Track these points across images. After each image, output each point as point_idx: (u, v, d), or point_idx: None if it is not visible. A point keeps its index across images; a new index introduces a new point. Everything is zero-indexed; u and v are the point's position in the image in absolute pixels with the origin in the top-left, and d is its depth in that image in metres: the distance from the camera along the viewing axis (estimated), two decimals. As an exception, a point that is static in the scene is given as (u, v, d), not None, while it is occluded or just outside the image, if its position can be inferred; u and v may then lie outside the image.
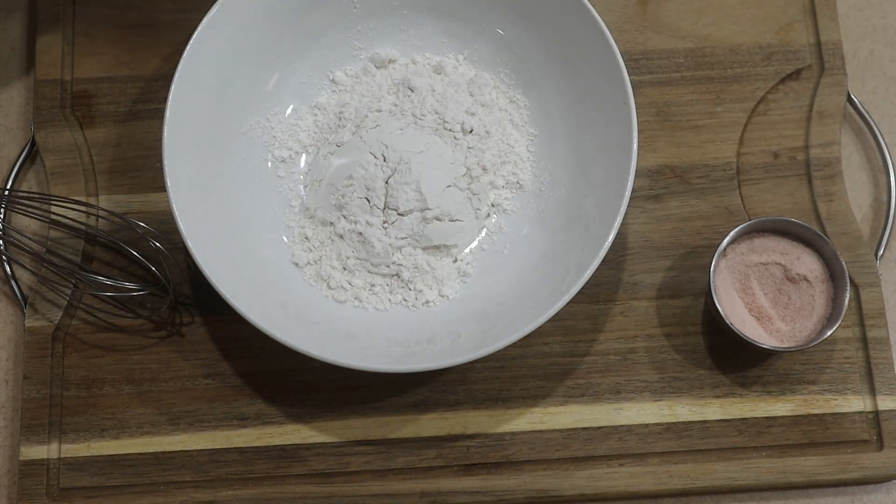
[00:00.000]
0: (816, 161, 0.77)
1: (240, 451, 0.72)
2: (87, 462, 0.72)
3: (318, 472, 0.72)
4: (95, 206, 0.75)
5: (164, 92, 0.69)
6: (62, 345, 0.74)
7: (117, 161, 0.77)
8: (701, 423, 0.72)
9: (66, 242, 0.76)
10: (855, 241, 0.75)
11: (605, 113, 0.71)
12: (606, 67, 0.71)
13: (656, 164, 0.77)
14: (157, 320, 0.74)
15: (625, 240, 0.76)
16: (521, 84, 0.77)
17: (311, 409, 0.73)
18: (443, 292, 0.73)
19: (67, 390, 0.73)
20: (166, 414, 0.73)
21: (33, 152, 0.79)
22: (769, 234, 0.72)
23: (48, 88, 0.79)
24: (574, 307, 0.73)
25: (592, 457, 0.72)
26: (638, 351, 0.74)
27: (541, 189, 0.75)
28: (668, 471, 0.72)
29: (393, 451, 0.72)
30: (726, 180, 0.77)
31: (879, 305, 0.74)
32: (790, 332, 0.70)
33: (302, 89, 0.77)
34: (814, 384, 0.73)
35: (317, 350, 0.66)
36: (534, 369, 0.73)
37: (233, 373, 0.74)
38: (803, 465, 0.71)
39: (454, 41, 0.78)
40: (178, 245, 0.69)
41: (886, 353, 0.73)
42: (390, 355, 0.69)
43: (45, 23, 0.80)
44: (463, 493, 0.71)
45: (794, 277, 0.71)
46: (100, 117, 0.78)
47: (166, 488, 0.72)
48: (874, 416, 0.72)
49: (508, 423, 0.73)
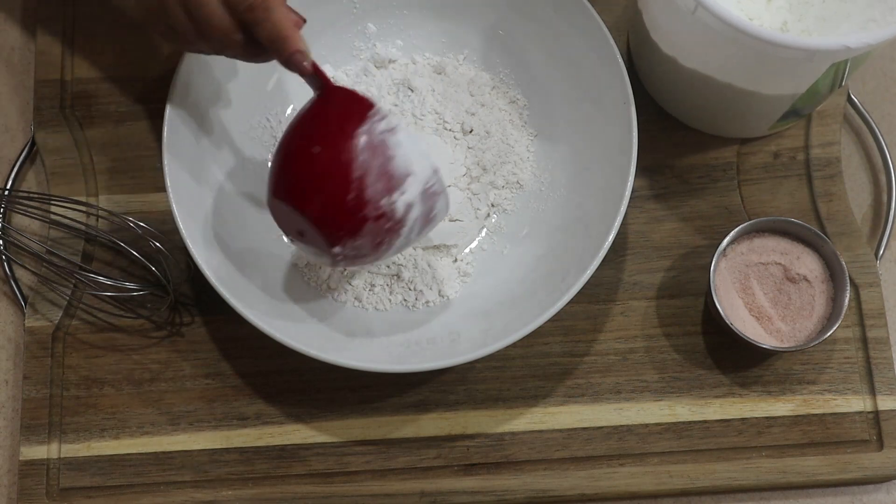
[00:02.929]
0: (816, 161, 0.77)
1: (240, 451, 0.72)
2: (87, 462, 0.72)
3: (318, 472, 0.72)
4: (95, 206, 0.75)
5: (164, 92, 0.69)
6: (62, 345, 0.74)
7: (117, 161, 0.77)
8: (701, 423, 0.72)
9: (66, 242, 0.76)
10: (855, 241, 0.75)
11: (605, 113, 0.71)
12: (606, 67, 0.71)
13: (656, 164, 0.77)
14: (157, 320, 0.74)
15: (625, 240, 0.76)
16: (521, 84, 0.77)
17: (311, 409, 0.73)
18: (443, 292, 0.73)
19: (67, 390, 0.73)
20: (166, 414, 0.73)
21: (33, 152, 0.79)
22: (769, 234, 0.72)
23: (48, 88, 0.79)
24: (574, 307, 0.73)
25: (592, 457, 0.72)
26: (638, 351, 0.74)
27: (541, 189, 0.75)
28: (668, 471, 0.72)
29: (393, 451, 0.72)
30: (726, 180, 0.77)
31: (879, 305, 0.74)
32: (790, 332, 0.71)
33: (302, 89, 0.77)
34: (814, 384, 0.73)
35: (317, 350, 0.66)
36: (534, 369, 0.73)
37: (233, 373, 0.74)
38: (803, 465, 0.71)
39: (454, 41, 0.78)
40: (178, 245, 0.69)
41: (886, 353, 0.73)
42: (390, 355, 0.69)
43: (45, 23, 0.80)
44: (463, 493, 0.71)
45: (794, 277, 0.71)
46: (100, 117, 0.78)
47: (166, 488, 0.72)
48: (874, 416, 0.72)
49: (508, 423, 0.73)
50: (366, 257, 0.63)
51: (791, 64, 0.64)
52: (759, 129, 0.76)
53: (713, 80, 0.69)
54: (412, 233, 0.63)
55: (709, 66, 0.69)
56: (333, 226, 0.61)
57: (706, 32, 0.63)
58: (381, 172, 0.60)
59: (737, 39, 0.61)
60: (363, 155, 0.60)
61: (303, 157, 0.61)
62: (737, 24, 0.60)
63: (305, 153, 0.61)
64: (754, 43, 0.61)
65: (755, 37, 0.60)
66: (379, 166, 0.60)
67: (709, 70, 0.69)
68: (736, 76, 0.68)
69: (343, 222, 0.60)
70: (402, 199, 0.61)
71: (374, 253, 0.63)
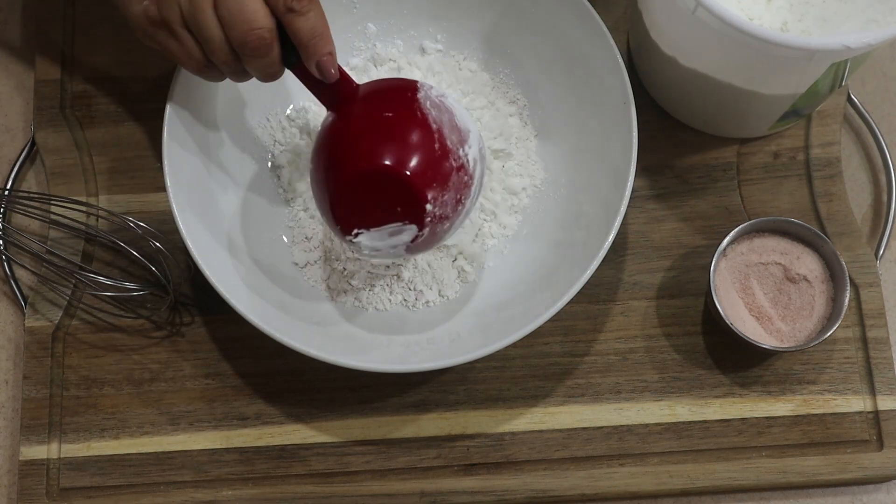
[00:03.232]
0: (816, 161, 0.77)
1: (240, 451, 0.72)
2: (87, 462, 0.72)
3: (318, 472, 0.72)
4: (95, 206, 0.75)
5: (164, 92, 0.69)
6: (62, 345, 0.74)
7: (117, 161, 0.77)
8: (701, 423, 0.72)
9: (66, 242, 0.76)
10: (855, 241, 0.75)
11: (605, 113, 0.71)
12: (606, 67, 0.71)
13: (656, 164, 0.77)
14: (157, 320, 0.74)
15: (625, 240, 0.76)
16: (520, 84, 0.77)
17: (311, 409, 0.73)
18: (443, 292, 0.73)
19: (67, 390, 0.73)
20: (166, 414, 0.73)
21: (33, 152, 0.79)
22: (769, 234, 0.72)
23: (48, 88, 0.79)
24: (574, 307, 0.73)
25: (592, 457, 0.72)
26: (638, 351, 0.74)
27: (541, 189, 0.75)
28: (668, 471, 0.72)
29: (393, 451, 0.72)
30: (726, 180, 0.77)
31: (879, 305, 0.74)
32: (790, 332, 0.71)
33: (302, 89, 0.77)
34: (814, 384, 0.73)
35: (317, 350, 0.66)
36: (534, 369, 0.73)
37: (233, 373, 0.74)
38: (803, 465, 0.71)
39: (454, 41, 0.78)
40: (178, 245, 0.69)
41: (886, 353, 0.73)
42: (390, 355, 0.69)
43: (45, 23, 0.80)
44: (463, 493, 0.71)
45: (794, 277, 0.71)
46: (100, 117, 0.78)
47: (166, 488, 0.72)
48: (874, 416, 0.72)
49: (508, 423, 0.73)
50: (446, 221, 0.63)
51: (791, 64, 0.64)
52: (759, 129, 0.76)
53: (713, 80, 0.69)
54: (476, 194, 0.65)
55: (709, 66, 0.69)
56: (427, 177, 0.61)
57: (706, 32, 0.63)
58: (451, 126, 0.63)
59: (737, 39, 0.61)
60: (433, 112, 0.62)
61: (377, 126, 0.62)
62: (737, 24, 0.60)
63: (379, 123, 0.62)
64: (754, 43, 0.61)
65: (755, 37, 0.60)
66: (448, 121, 0.63)
67: (709, 70, 0.69)
68: (736, 76, 0.68)
69: (436, 172, 0.62)
70: (471, 152, 0.63)
71: (454, 215, 0.63)
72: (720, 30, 0.62)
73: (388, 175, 0.61)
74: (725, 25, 0.60)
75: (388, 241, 0.63)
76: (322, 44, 0.60)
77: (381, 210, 0.62)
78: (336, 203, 0.63)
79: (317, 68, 0.61)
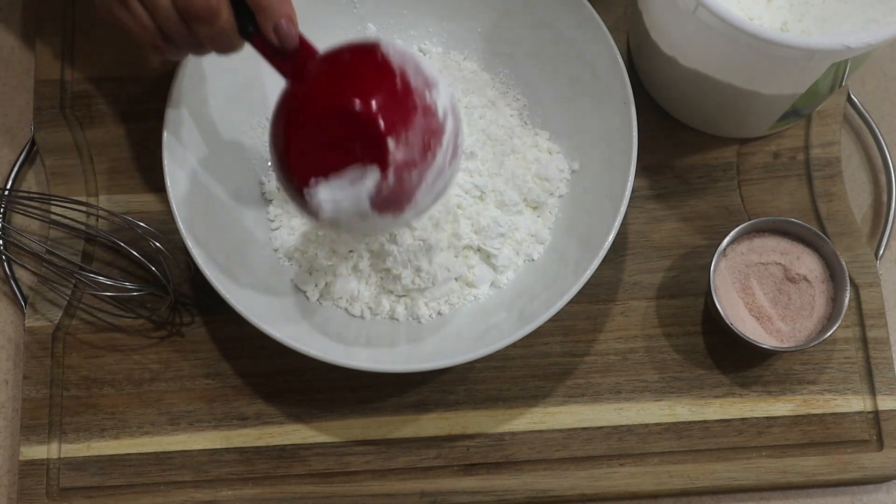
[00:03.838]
0: (816, 161, 0.77)
1: (240, 451, 0.72)
2: (87, 462, 0.72)
3: (318, 472, 0.72)
4: (95, 206, 0.75)
5: (164, 92, 0.69)
6: (62, 345, 0.74)
7: (117, 161, 0.77)
8: (701, 423, 0.72)
9: (66, 242, 0.76)
10: (855, 241, 0.75)
11: (605, 113, 0.71)
12: (606, 67, 0.71)
13: (656, 164, 0.77)
14: (157, 320, 0.74)
15: (625, 240, 0.76)
16: (520, 84, 0.77)
17: (311, 409, 0.73)
18: (443, 292, 0.72)
19: (67, 390, 0.73)
20: (166, 414, 0.73)
21: (33, 152, 0.79)
22: (769, 234, 0.72)
23: (48, 88, 0.79)
24: (574, 307, 0.73)
25: (592, 457, 0.72)
26: (638, 351, 0.74)
27: (540, 188, 0.75)
28: (668, 471, 0.72)
29: (393, 451, 0.72)
30: (726, 180, 0.77)
31: (879, 305, 0.74)
32: (790, 332, 0.71)
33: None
34: (814, 384, 0.73)
35: (317, 350, 0.66)
36: (534, 369, 0.73)
37: (233, 373, 0.74)
38: (803, 465, 0.71)
39: (454, 41, 0.78)
40: (178, 245, 0.69)
41: (886, 353, 0.73)
42: (390, 355, 0.69)
43: (45, 23, 0.80)
44: (463, 493, 0.71)
45: (794, 277, 0.71)
46: (100, 117, 0.78)
47: (166, 488, 0.72)
48: (874, 416, 0.72)
49: (508, 423, 0.73)
50: (413, 169, 0.58)
51: (791, 64, 0.64)
52: (759, 129, 0.76)
53: (713, 80, 0.69)
54: (448, 152, 0.59)
55: (709, 66, 0.69)
56: (387, 108, 0.56)
57: (706, 32, 0.63)
58: (416, 71, 0.58)
59: (737, 39, 0.61)
60: (396, 59, 0.58)
61: (334, 73, 0.58)
62: (737, 24, 0.60)
63: (337, 70, 0.58)
64: (754, 43, 0.61)
65: (755, 37, 0.60)
66: (413, 66, 0.58)
67: (709, 70, 0.69)
68: (736, 76, 0.68)
69: (397, 105, 0.57)
70: (440, 100, 0.58)
71: (422, 163, 0.58)
72: (720, 30, 0.62)
73: (344, 109, 0.56)
74: (726, 25, 0.60)
75: (349, 190, 0.57)
76: (279, 4, 0.55)
77: (339, 152, 0.57)
78: (289, 151, 0.58)
79: (275, 34, 0.56)
